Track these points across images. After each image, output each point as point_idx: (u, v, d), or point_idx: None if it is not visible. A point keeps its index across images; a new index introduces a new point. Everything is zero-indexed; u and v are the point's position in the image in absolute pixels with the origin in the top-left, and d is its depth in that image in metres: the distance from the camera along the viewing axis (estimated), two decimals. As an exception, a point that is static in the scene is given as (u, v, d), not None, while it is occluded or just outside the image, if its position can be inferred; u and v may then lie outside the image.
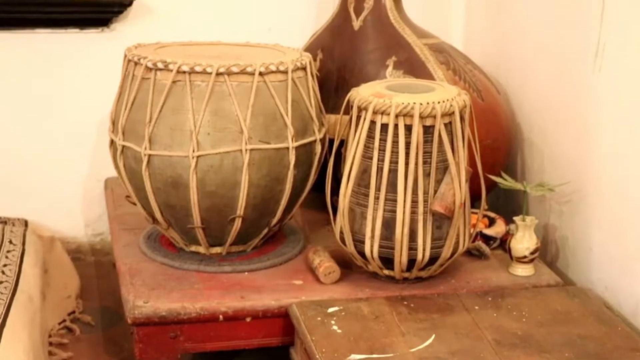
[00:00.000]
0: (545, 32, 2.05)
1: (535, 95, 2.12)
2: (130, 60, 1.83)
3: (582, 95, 1.90)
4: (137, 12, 2.29)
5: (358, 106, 1.74)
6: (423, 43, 2.08)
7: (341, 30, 2.13)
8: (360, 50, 2.09)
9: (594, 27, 1.83)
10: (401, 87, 1.79)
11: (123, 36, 2.27)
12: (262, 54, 1.91)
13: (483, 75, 2.14)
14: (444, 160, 1.71)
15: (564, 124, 1.99)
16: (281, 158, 1.81)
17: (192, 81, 1.76)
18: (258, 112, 1.77)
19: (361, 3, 2.11)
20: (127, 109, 1.81)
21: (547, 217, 2.04)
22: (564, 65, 1.97)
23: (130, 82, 1.82)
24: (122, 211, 2.13)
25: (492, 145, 2.03)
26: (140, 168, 1.79)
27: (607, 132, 1.83)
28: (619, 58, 1.78)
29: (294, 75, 1.82)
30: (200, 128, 1.75)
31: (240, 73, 1.76)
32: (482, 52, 2.34)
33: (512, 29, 2.21)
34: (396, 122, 1.69)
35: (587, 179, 1.90)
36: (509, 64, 2.23)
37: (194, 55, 1.83)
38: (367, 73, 2.04)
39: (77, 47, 2.29)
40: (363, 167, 1.74)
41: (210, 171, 1.77)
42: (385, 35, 2.09)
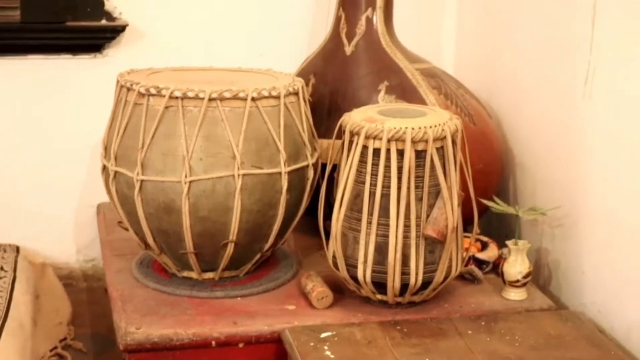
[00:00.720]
0: (536, 58, 2.06)
1: (526, 119, 2.13)
2: (123, 86, 1.83)
3: (573, 120, 1.91)
4: (130, 37, 2.30)
5: (350, 131, 1.74)
6: (415, 68, 2.09)
7: (333, 55, 2.14)
8: (353, 75, 2.10)
9: (584, 53, 1.84)
10: (393, 111, 1.79)
11: (116, 62, 2.27)
12: (254, 79, 1.92)
13: (475, 99, 2.15)
14: (436, 185, 1.71)
15: (555, 149, 2.00)
16: (274, 183, 1.81)
17: (185, 107, 1.76)
18: (250, 137, 1.78)
19: (353, 28, 2.12)
20: (119, 134, 1.81)
21: (540, 241, 2.04)
22: (555, 90, 1.99)
23: (122, 108, 1.82)
24: (114, 237, 2.12)
25: (484, 170, 2.03)
26: (132, 193, 1.79)
27: (597, 156, 1.84)
28: (608, 84, 1.80)
29: (287, 100, 1.83)
30: (192, 153, 1.75)
31: (232, 98, 1.77)
32: (473, 77, 2.35)
33: (503, 54, 2.23)
34: (388, 147, 1.70)
35: (578, 202, 1.91)
36: (501, 89, 2.25)
37: (186, 81, 1.84)
38: (359, 98, 2.05)
39: (70, 72, 2.29)
40: (355, 191, 1.74)
41: (202, 196, 1.77)
42: (377, 60, 2.10)
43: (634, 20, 1.71)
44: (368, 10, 2.11)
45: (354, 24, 2.11)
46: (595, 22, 1.81)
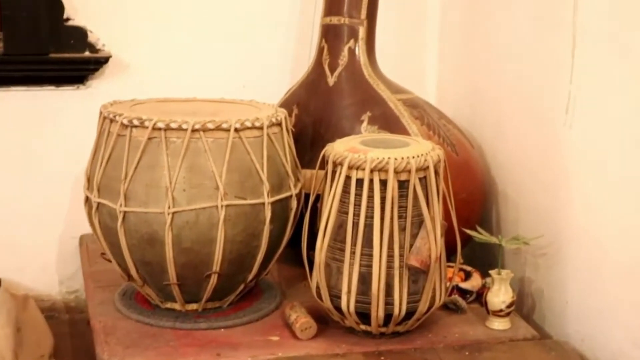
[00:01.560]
0: (517, 87, 2.08)
1: (509, 149, 2.14)
2: (106, 117, 1.83)
3: (555, 148, 1.93)
4: (113, 69, 2.30)
5: (333, 161, 1.75)
6: (397, 98, 2.10)
7: (316, 86, 2.15)
8: (335, 105, 2.10)
9: (564, 83, 1.85)
10: (376, 142, 1.80)
11: (99, 93, 2.28)
12: (237, 110, 1.92)
13: (457, 129, 2.17)
14: (419, 215, 1.72)
15: (537, 178, 2.01)
16: (257, 214, 1.81)
17: (168, 138, 1.76)
18: (234, 168, 1.78)
19: (336, 59, 2.13)
20: (102, 166, 1.81)
21: (523, 270, 2.05)
22: (536, 119, 2.00)
23: (105, 139, 1.82)
24: (97, 268, 2.11)
25: (467, 199, 2.04)
26: (115, 225, 1.79)
27: (579, 185, 1.85)
28: (589, 113, 1.81)
29: (270, 131, 1.83)
30: (175, 184, 1.75)
31: (215, 129, 1.77)
32: (455, 107, 2.37)
33: (484, 84, 2.25)
34: (371, 177, 1.70)
35: (561, 232, 1.91)
36: (483, 118, 2.26)
37: (169, 112, 1.84)
38: (342, 128, 2.06)
39: (53, 104, 2.29)
40: (339, 222, 1.75)
41: (186, 227, 1.76)
42: (360, 90, 2.11)
43: (612, 51, 1.73)
44: (350, 42, 2.12)
45: (336, 55, 2.13)
46: (574, 52, 1.83)
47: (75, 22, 2.25)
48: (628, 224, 1.72)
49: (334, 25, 2.14)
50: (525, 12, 2.03)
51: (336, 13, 2.14)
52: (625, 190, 1.72)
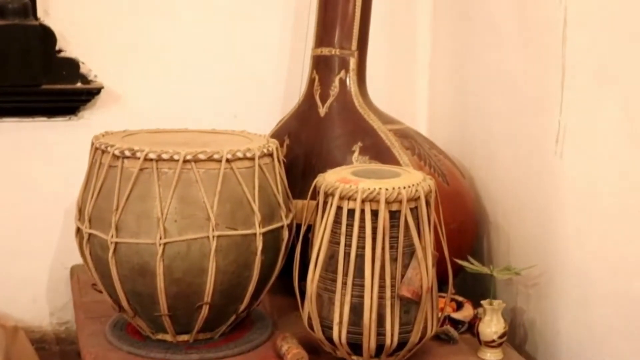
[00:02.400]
0: (508, 117, 2.09)
1: (499, 178, 2.15)
2: (98, 148, 1.83)
3: (545, 178, 1.93)
4: (105, 100, 2.31)
5: (325, 192, 1.75)
6: (388, 129, 2.11)
7: (307, 117, 2.16)
8: (327, 136, 2.11)
9: (554, 113, 1.87)
10: (367, 172, 1.81)
11: (91, 124, 2.28)
12: (229, 140, 1.93)
13: (448, 159, 2.17)
14: (410, 245, 1.72)
15: (528, 208, 2.02)
16: (248, 244, 1.81)
17: (159, 168, 1.76)
18: (225, 198, 1.78)
19: (327, 90, 2.14)
20: (93, 196, 1.81)
21: (515, 301, 2.05)
22: (527, 149, 2.01)
23: (97, 170, 1.82)
24: (88, 299, 2.11)
25: (458, 229, 2.04)
26: (106, 256, 1.78)
27: (570, 215, 1.86)
28: (579, 143, 1.82)
29: (261, 161, 1.84)
30: (167, 215, 1.75)
31: (207, 160, 1.77)
32: (446, 137, 2.38)
33: (475, 114, 2.26)
34: (362, 208, 1.70)
35: (552, 262, 1.92)
36: (473, 148, 2.27)
37: (161, 143, 1.84)
38: (333, 158, 2.06)
39: (45, 135, 2.29)
40: (330, 252, 1.75)
41: (177, 258, 1.76)
42: (351, 121, 2.12)
43: (601, 82, 1.75)
44: (341, 73, 2.13)
45: (327, 86, 2.14)
46: (564, 83, 1.84)
47: (67, 53, 2.26)
48: (619, 255, 1.72)
49: (325, 56, 2.15)
50: (515, 42, 2.05)
51: (327, 44, 2.15)
52: (616, 221, 1.73)
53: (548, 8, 1.88)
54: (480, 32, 2.21)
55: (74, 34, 2.26)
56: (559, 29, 1.83)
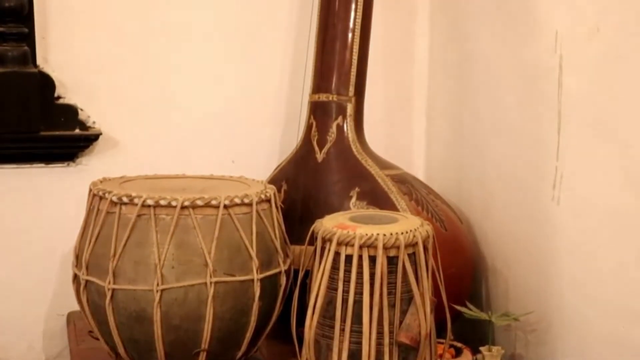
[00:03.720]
0: (504, 162, 2.10)
1: (497, 224, 2.15)
2: (96, 194, 1.84)
3: (543, 224, 1.94)
4: (103, 146, 2.31)
5: (322, 237, 1.75)
6: (386, 174, 2.11)
7: (305, 162, 2.16)
8: (324, 181, 2.12)
9: (551, 159, 1.88)
10: (365, 218, 1.81)
11: (89, 170, 2.28)
12: (226, 186, 1.93)
13: (445, 205, 2.18)
14: (408, 291, 1.71)
15: (526, 253, 2.02)
16: (246, 290, 1.80)
17: (157, 215, 1.77)
18: (223, 244, 1.78)
19: (324, 136, 2.15)
20: (91, 243, 1.80)
21: (514, 347, 2.04)
22: (524, 194, 2.01)
23: (95, 217, 1.82)
24: (84, 346, 2.09)
25: (457, 275, 2.04)
26: (103, 302, 1.78)
27: (567, 261, 1.86)
28: (576, 190, 1.83)
29: (259, 207, 1.84)
30: (164, 261, 1.75)
31: (204, 206, 1.78)
32: (443, 182, 2.39)
33: (472, 159, 2.26)
34: (360, 254, 1.70)
35: (550, 308, 1.91)
36: (471, 194, 2.27)
37: (158, 189, 1.85)
38: (331, 204, 2.07)
39: (43, 181, 2.29)
40: (328, 298, 1.74)
41: (174, 304, 1.75)
42: (349, 166, 2.12)
43: (597, 128, 1.76)
44: (339, 118, 2.15)
45: (325, 132, 2.15)
46: (560, 129, 1.85)
47: (66, 100, 2.27)
48: (617, 301, 1.72)
49: (322, 102, 2.17)
50: (511, 88, 2.06)
51: (325, 90, 2.16)
52: (614, 267, 1.73)
53: (543, 55, 1.89)
54: (476, 78, 2.23)
55: (73, 80, 2.27)
56: (555, 75, 1.85)
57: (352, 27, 2.15)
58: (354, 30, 2.15)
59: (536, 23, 1.93)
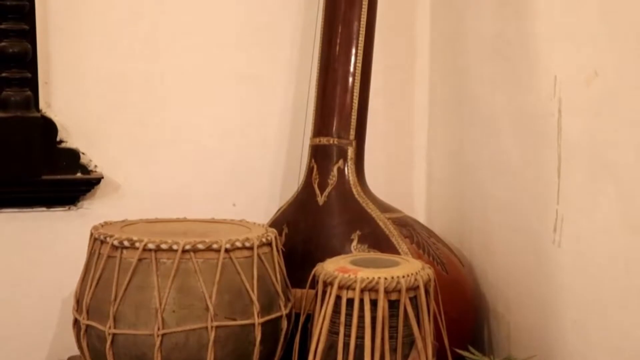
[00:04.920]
0: (505, 205, 2.10)
1: (498, 267, 2.14)
2: (97, 238, 1.84)
3: (544, 267, 1.93)
4: (105, 190, 2.32)
5: (323, 281, 1.75)
6: (387, 217, 2.11)
7: (306, 205, 2.17)
8: (325, 224, 2.12)
9: (552, 202, 1.88)
10: (366, 261, 1.81)
11: (90, 214, 2.28)
12: (227, 230, 1.94)
13: (447, 247, 2.18)
14: (410, 335, 1.71)
15: (527, 296, 2.01)
16: (247, 334, 1.80)
17: (158, 259, 1.77)
18: (224, 288, 1.78)
19: (325, 179, 2.16)
20: (92, 287, 1.80)
21: (516, 390, 2.02)
22: (525, 237, 2.01)
23: (96, 261, 1.82)
24: (84, 391, 2.08)
25: (458, 318, 2.03)
26: (104, 347, 1.77)
27: (569, 304, 1.85)
28: (576, 233, 1.83)
29: (260, 251, 1.84)
30: (165, 306, 1.74)
31: (206, 250, 1.78)
32: (444, 225, 2.39)
33: (473, 202, 2.27)
34: (362, 297, 1.70)
35: (552, 351, 1.90)
36: (472, 236, 2.27)
37: (160, 233, 1.85)
38: (332, 247, 2.06)
39: (44, 225, 2.29)
40: (330, 342, 1.73)
41: (175, 349, 1.75)
42: (349, 209, 2.13)
43: (597, 170, 1.76)
44: (339, 162, 2.15)
45: (326, 175, 2.15)
46: (560, 172, 1.86)
47: (68, 144, 2.28)
48: (618, 345, 1.71)
49: (323, 146, 2.17)
50: (511, 131, 2.07)
51: (325, 134, 2.17)
52: (616, 310, 1.72)
53: (542, 98, 1.91)
54: (476, 121, 2.24)
55: (75, 125, 2.29)
56: (554, 119, 1.86)
57: (353, 71, 2.17)
58: (354, 74, 2.17)
59: (535, 67, 1.95)
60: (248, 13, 2.39)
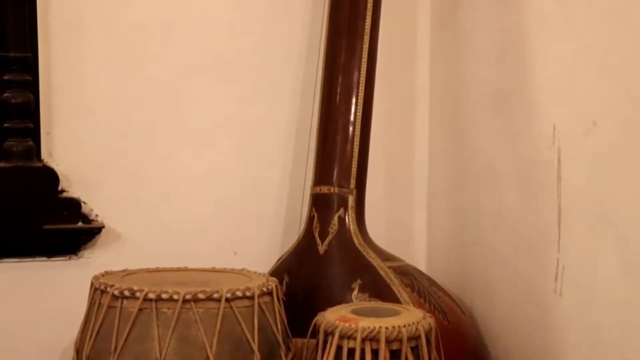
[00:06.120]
0: (506, 254, 2.10)
1: (500, 315, 2.14)
2: (97, 288, 1.84)
3: (546, 316, 1.93)
4: (106, 239, 2.32)
5: (324, 330, 1.74)
6: (387, 266, 2.11)
7: (307, 254, 2.17)
8: (326, 273, 2.12)
9: (552, 251, 1.88)
10: (367, 310, 1.80)
11: (91, 263, 2.28)
12: (228, 279, 1.93)
13: (448, 296, 2.17)
14: (411, 385, 1.70)
15: (529, 345, 2.00)
16: (248, 385, 1.79)
17: (159, 309, 1.76)
18: (224, 338, 1.77)
19: (326, 228, 2.16)
20: (92, 337, 1.80)
21: None
22: (526, 286, 2.01)
23: (96, 311, 1.82)
24: None
25: (460, 367, 2.03)
26: (103, 398, 1.76)
27: (570, 353, 1.84)
28: (577, 282, 1.83)
29: (260, 300, 1.84)
30: (165, 356, 1.74)
31: (206, 300, 1.78)
32: (445, 274, 2.38)
33: (474, 251, 2.27)
34: (363, 347, 1.69)
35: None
36: (473, 285, 2.27)
37: (160, 282, 1.85)
38: (333, 296, 2.06)
39: (44, 275, 2.29)
40: (331, 392, 1.72)
41: (175, 400, 1.74)
42: (350, 258, 2.13)
43: (597, 220, 1.76)
44: (340, 210, 2.16)
45: (326, 224, 2.16)
46: (561, 221, 1.86)
47: (69, 193, 2.29)
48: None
49: (323, 195, 2.18)
50: (510, 181, 2.08)
51: (326, 183, 2.18)
52: (616, 357, 1.71)
53: (541, 148, 1.92)
54: (476, 169, 2.24)
55: (77, 174, 2.29)
56: (554, 168, 1.87)
57: (353, 120, 2.18)
58: (354, 123, 2.18)
59: (534, 117, 1.96)
60: (250, 64, 2.41)
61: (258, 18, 2.40)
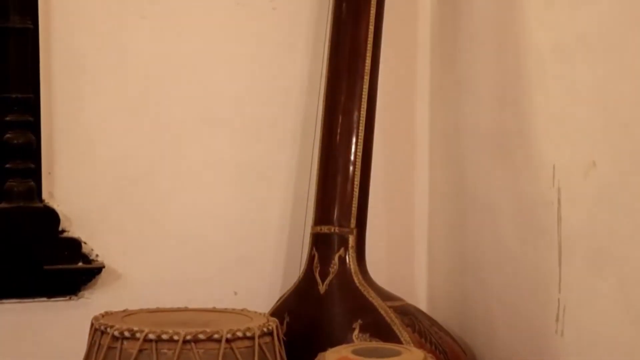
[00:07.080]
0: (507, 294, 2.10)
1: (501, 356, 2.13)
2: (97, 329, 1.83)
3: (547, 357, 1.92)
4: (106, 279, 2.31)
5: (325, 371, 1.74)
6: (388, 305, 2.11)
7: (307, 294, 2.16)
8: (327, 313, 2.11)
9: (553, 291, 1.88)
10: (368, 351, 1.80)
11: (91, 303, 2.27)
12: (229, 319, 1.93)
13: (449, 336, 2.16)
14: None
15: (531, 386, 1.99)
16: None
17: (159, 349, 1.76)
18: (225, 379, 1.76)
19: (326, 267, 2.16)
20: (91, 379, 1.79)
21: None
22: (527, 326, 2.00)
23: (96, 352, 1.81)
24: None
25: (461, 408, 2.01)
26: None
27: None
28: (579, 322, 1.82)
29: (261, 340, 1.83)
30: (166, 397, 1.73)
31: (207, 340, 1.77)
32: (446, 313, 2.37)
33: (474, 291, 2.26)
34: (364, 388, 1.69)
35: None
36: (474, 325, 2.26)
37: (161, 323, 1.84)
38: (333, 336, 2.05)
39: (44, 315, 2.28)
40: None
41: None
42: (351, 298, 2.12)
43: (598, 260, 1.77)
44: (341, 250, 2.16)
45: (327, 264, 2.15)
46: (561, 261, 1.86)
47: (70, 233, 2.29)
48: None
49: (324, 234, 2.18)
50: (511, 221, 2.08)
51: (326, 222, 2.18)
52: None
53: (542, 188, 1.92)
54: (476, 210, 2.25)
55: (77, 214, 2.29)
56: (554, 208, 1.87)
57: (353, 160, 2.19)
58: (355, 163, 2.19)
59: (534, 157, 1.97)
60: (250, 107, 2.42)
61: (258, 59, 2.42)
